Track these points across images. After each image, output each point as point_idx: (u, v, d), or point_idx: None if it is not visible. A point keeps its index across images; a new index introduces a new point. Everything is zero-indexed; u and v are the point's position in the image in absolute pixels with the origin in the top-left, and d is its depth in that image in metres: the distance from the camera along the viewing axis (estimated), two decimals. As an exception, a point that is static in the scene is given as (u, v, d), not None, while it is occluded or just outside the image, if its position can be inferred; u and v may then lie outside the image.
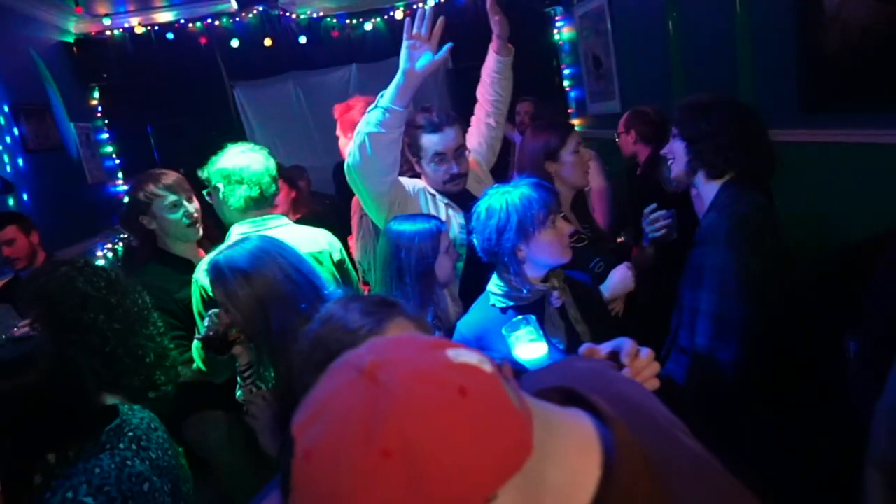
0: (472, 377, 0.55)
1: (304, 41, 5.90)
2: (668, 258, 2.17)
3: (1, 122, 3.95)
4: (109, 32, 5.54)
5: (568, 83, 6.11)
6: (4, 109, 4.01)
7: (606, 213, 3.09)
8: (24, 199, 3.86)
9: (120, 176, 5.56)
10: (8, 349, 1.35)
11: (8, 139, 3.96)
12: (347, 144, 2.64)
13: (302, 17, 5.89)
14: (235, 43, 5.72)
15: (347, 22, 5.99)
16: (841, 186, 2.72)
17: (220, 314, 1.71)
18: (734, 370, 1.74)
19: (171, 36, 5.66)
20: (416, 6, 5.82)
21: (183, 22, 5.68)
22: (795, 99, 2.86)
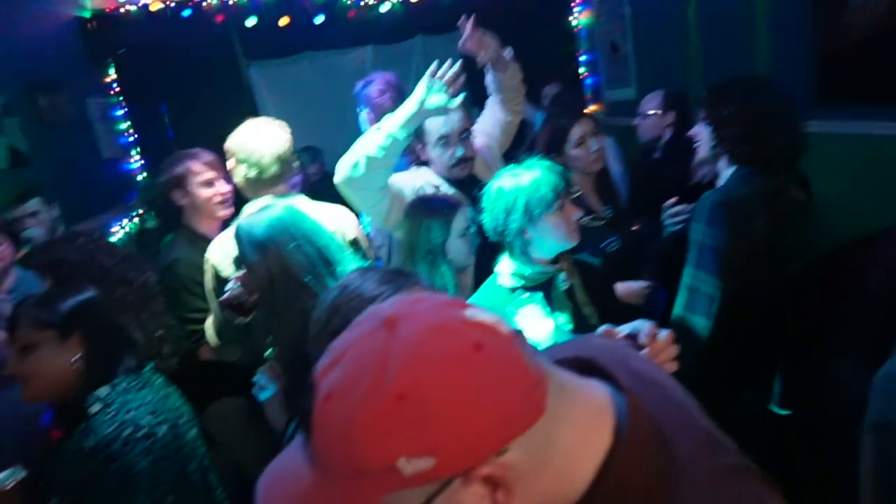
0: (488, 335, 0.58)
1: (319, 21, 5.86)
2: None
3: (19, 95, 3.98)
4: (125, 8, 5.53)
5: (584, 70, 6.05)
6: (21, 83, 4.04)
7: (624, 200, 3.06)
8: (39, 173, 3.89)
9: (134, 153, 5.59)
10: (69, 294, 1.50)
11: (25, 113, 3.99)
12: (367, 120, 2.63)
13: (318, -4, 5.85)
14: (251, 21, 5.69)
15: (363, 3, 5.95)
16: (858, 178, 2.68)
17: (241, 277, 1.76)
18: (697, 346, 1.73)
19: (187, 13, 5.65)
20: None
21: (199, -1, 5.67)
22: (816, 88, 2.81)
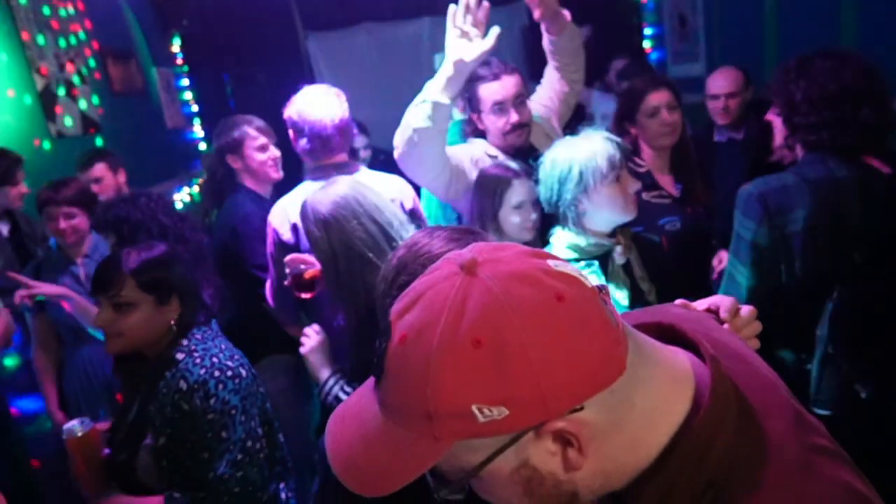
0: (571, 286, 0.55)
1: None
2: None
3: (92, 63, 4.13)
4: (190, -21, 5.65)
5: (649, 43, 5.81)
6: (95, 52, 4.19)
7: None
8: (106, 140, 4.05)
9: (196, 122, 5.74)
10: (152, 247, 1.56)
11: (96, 81, 4.14)
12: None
13: (377, -35, 5.80)
14: (311, -8, 5.71)
15: (422, -26, 5.87)
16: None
17: (301, 259, 1.82)
18: None
19: (249, -17, 5.71)
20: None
21: (261, -32, 5.71)
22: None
